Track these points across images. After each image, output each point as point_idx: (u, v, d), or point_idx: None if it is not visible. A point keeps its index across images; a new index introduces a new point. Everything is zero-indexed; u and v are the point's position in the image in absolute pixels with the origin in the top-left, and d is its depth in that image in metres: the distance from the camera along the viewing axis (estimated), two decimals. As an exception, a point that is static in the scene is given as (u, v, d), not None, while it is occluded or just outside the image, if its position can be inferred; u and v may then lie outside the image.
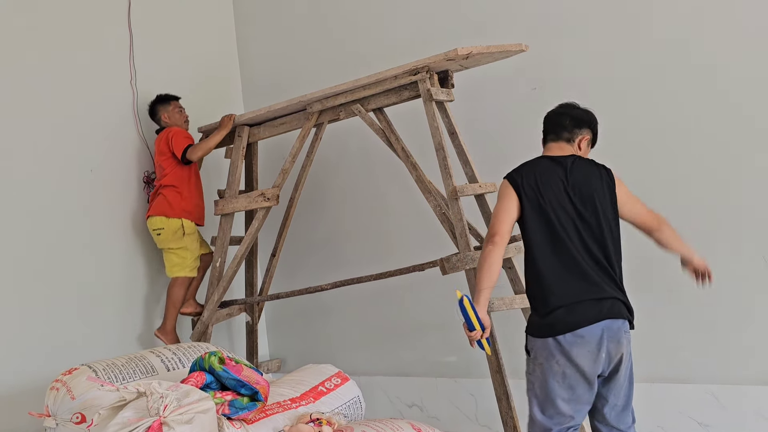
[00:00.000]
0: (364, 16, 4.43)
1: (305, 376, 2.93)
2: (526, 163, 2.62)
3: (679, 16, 3.44)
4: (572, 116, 2.63)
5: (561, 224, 2.44)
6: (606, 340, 2.36)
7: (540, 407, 2.44)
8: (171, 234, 4.00)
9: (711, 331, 3.41)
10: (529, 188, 2.48)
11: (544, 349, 2.39)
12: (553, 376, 2.39)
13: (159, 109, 4.17)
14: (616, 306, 2.42)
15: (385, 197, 4.36)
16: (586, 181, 2.52)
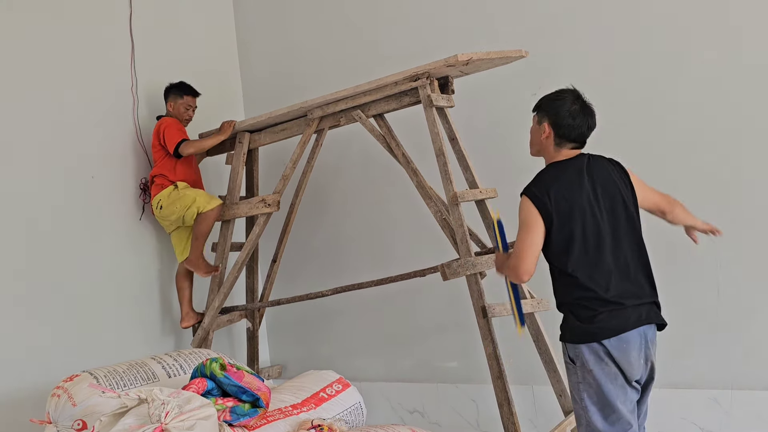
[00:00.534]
0: (365, 22, 4.45)
1: (306, 383, 2.93)
2: (544, 176, 2.47)
3: (679, 22, 3.45)
4: (591, 125, 2.51)
5: (595, 231, 2.38)
6: (643, 346, 2.37)
7: (601, 415, 2.36)
8: (167, 197, 4.00)
9: (713, 336, 3.41)
10: (558, 204, 2.37)
11: (592, 353, 2.33)
12: (608, 380, 2.33)
13: (171, 95, 4.16)
14: (652, 311, 2.41)
15: (385, 203, 4.36)
16: (608, 181, 2.46)
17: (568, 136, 2.46)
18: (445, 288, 3.77)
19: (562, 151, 2.49)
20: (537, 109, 2.57)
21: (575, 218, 2.37)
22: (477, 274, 3.21)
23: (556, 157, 2.50)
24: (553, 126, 2.47)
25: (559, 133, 2.46)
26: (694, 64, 3.43)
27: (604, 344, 2.32)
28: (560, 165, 2.47)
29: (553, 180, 2.42)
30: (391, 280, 3.61)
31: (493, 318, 3.18)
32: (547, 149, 2.51)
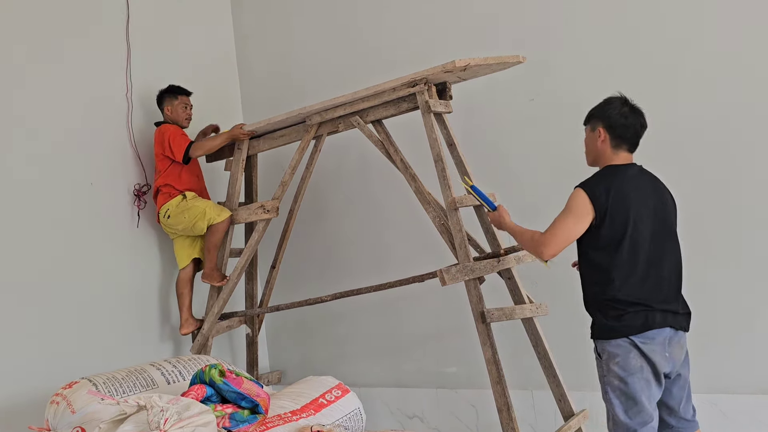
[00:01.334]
0: (363, 28, 4.46)
1: (306, 389, 2.93)
2: (605, 174, 2.56)
3: (677, 28, 3.47)
4: (643, 123, 2.63)
5: (644, 237, 2.49)
6: (667, 345, 2.48)
7: (623, 408, 2.48)
8: (175, 207, 4.01)
9: (710, 340, 3.41)
10: (616, 203, 2.46)
11: (618, 347, 2.46)
12: (631, 374, 2.45)
13: (165, 99, 4.17)
14: (679, 317, 2.54)
15: (384, 209, 4.37)
16: (663, 196, 2.60)
17: (623, 135, 2.56)
18: (444, 293, 3.77)
19: (619, 154, 2.59)
20: (589, 119, 2.69)
21: (629, 220, 2.46)
22: (476, 279, 3.22)
23: (615, 160, 2.59)
24: (608, 129, 2.57)
25: (615, 134, 2.56)
26: (692, 66, 3.44)
27: (631, 339, 2.44)
28: (620, 168, 2.56)
29: (613, 179, 2.51)
30: (390, 285, 3.61)
31: (492, 323, 3.18)
32: (604, 153, 2.60)
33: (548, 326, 3.52)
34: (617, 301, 2.48)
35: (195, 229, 4.04)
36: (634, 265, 2.48)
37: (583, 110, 3.58)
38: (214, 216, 3.99)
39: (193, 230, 4.06)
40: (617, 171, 2.55)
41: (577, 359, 3.37)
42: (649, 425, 2.47)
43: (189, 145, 4.02)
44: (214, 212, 4.00)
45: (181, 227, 4.06)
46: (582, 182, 2.57)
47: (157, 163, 4.11)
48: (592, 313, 2.58)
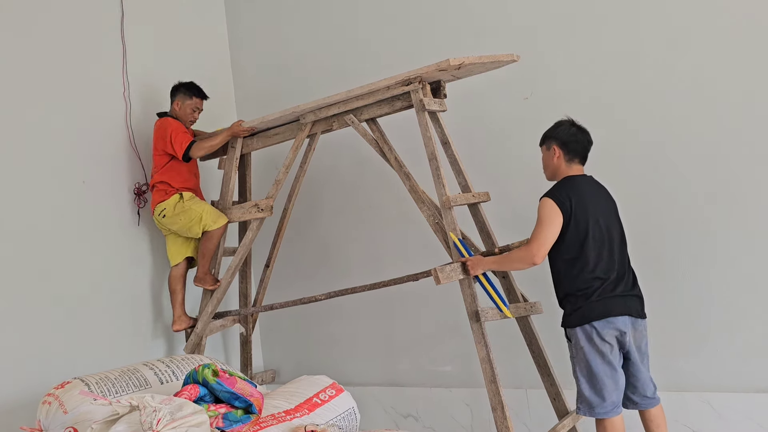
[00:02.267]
0: (357, 27, 4.45)
1: (299, 388, 2.92)
2: (565, 185, 2.95)
3: (673, 26, 3.47)
4: (590, 140, 3.03)
5: (601, 234, 2.89)
6: (629, 328, 2.85)
7: (589, 385, 2.87)
8: (172, 208, 3.97)
9: (704, 339, 3.42)
10: (577, 207, 2.86)
11: (583, 333, 2.84)
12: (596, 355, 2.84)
13: (179, 94, 4.10)
14: (637, 302, 2.92)
15: (378, 207, 4.36)
16: (608, 200, 3.01)
17: (575, 150, 2.99)
18: (438, 292, 3.77)
19: (572, 167, 3.00)
20: (544, 140, 3.09)
21: (589, 220, 2.87)
22: (470, 278, 3.21)
23: (569, 172, 3.00)
24: (561, 146, 3.00)
25: (568, 149, 2.99)
26: (687, 67, 3.45)
27: (594, 326, 2.82)
28: (575, 178, 2.98)
29: (572, 188, 2.92)
30: (384, 284, 3.60)
31: (486, 322, 3.18)
32: (559, 168, 3.02)
33: (542, 325, 3.52)
34: (583, 291, 2.86)
35: (190, 233, 4.02)
36: (597, 258, 2.87)
37: (576, 109, 3.61)
38: (210, 223, 3.96)
39: (188, 233, 4.04)
40: (574, 180, 2.96)
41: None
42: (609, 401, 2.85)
43: (191, 144, 3.97)
44: (210, 218, 3.97)
45: (175, 228, 4.04)
46: (546, 193, 2.95)
47: (155, 158, 4.06)
48: (563, 304, 2.96)
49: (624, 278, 2.90)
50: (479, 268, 3.09)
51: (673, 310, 3.44)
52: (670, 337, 3.45)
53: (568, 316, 2.91)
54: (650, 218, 3.46)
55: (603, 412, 2.86)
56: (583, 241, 2.86)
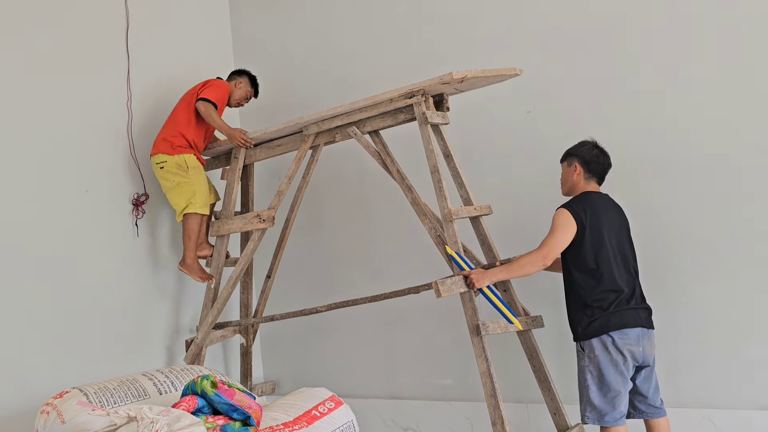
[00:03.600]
0: (361, 39, 4.47)
1: (298, 400, 2.91)
2: (581, 197, 3.07)
3: (675, 43, 3.48)
4: (610, 163, 3.17)
5: (614, 247, 2.99)
6: (641, 340, 2.93)
7: (600, 392, 2.92)
8: (174, 167, 3.96)
9: (706, 355, 3.40)
10: (591, 219, 2.97)
11: (599, 343, 2.91)
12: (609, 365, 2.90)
13: (243, 78, 4.23)
14: (647, 315, 3.01)
15: (380, 219, 4.36)
16: (621, 216, 3.12)
17: (595, 170, 3.12)
18: (439, 305, 3.76)
19: (590, 184, 3.13)
20: (566, 157, 3.20)
21: (604, 235, 2.98)
22: (471, 291, 3.20)
23: (586, 188, 3.12)
24: (583, 164, 3.13)
25: (588, 168, 3.12)
26: (690, 81, 3.45)
27: (611, 335, 2.89)
28: (591, 194, 3.10)
29: (588, 202, 3.04)
30: (385, 296, 3.59)
31: (486, 336, 3.16)
32: (578, 184, 3.14)
33: (543, 339, 3.51)
34: (599, 303, 2.92)
35: (173, 200, 4.00)
36: (613, 271, 2.96)
37: (579, 124, 3.61)
38: (199, 206, 3.96)
39: (172, 198, 4.01)
40: (590, 195, 3.09)
41: (573, 373, 3.35)
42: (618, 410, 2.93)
43: (213, 103, 3.98)
44: (201, 201, 3.97)
45: (162, 183, 4.01)
46: (563, 204, 3.07)
47: (179, 113, 4.05)
48: (578, 317, 3.00)
49: (635, 291, 3.00)
50: (484, 280, 3.11)
51: (675, 327, 3.43)
52: (672, 353, 3.43)
53: (585, 329, 2.96)
54: (651, 234, 3.45)
55: (612, 420, 2.93)
56: (599, 253, 2.96)
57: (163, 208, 4.41)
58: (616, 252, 3.00)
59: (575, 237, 2.98)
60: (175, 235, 4.46)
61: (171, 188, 4.02)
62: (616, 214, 3.10)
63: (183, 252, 4.13)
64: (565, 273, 3.08)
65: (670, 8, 3.48)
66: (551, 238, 2.99)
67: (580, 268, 2.99)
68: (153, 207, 4.34)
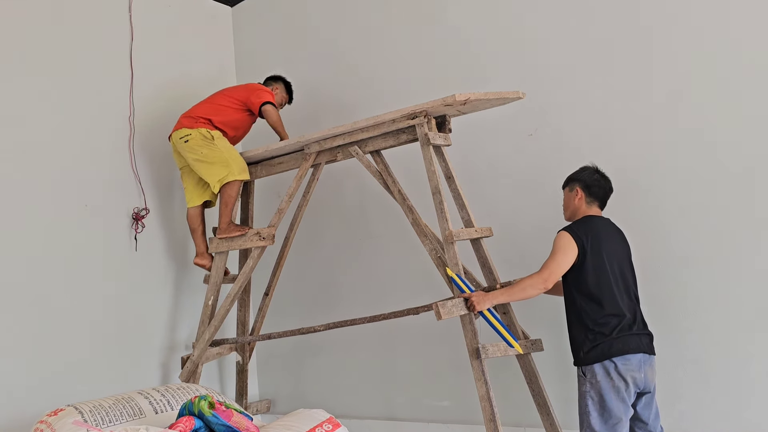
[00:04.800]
0: (364, 59, 4.49)
1: (295, 422, 2.87)
2: (583, 222, 3.06)
3: (679, 68, 3.49)
4: (611, 187, 3.18)
5: (615, 271, 2.98)
6: (644, 365, 2.91)
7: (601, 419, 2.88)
8: (199, 138, 3.89)
9: (707, 383, 3.38)
10: (593, 243, 2.96)
11: (601, 368, 2.88)
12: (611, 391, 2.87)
13: (280, 84, 4.27)
14: (649, 341, 2.99)
15: (380, 239, 4.35)
16: (623, 240, 3.11)
17: (596, 194, 3.13)
18: (437, 326, 3.74)
19: (592, 208, 3.13)
20: (567, 183, 3.21)
21: (604, 257, 2.97)
22: (471, 314, 3.19)
23: (588, 212, 3.12)
24: (584, 188, 3.13)
25: (590, 192, 3.12)
26: (692, 108, 3.46)
27: (614, 361, 2.86)
28: (593, 218, 3.09)
29: (589, 226, 3.04)
30: (384, 317, 3.57)
31: (486, 359, 3.14)
32: (579, 209, 3.14)
33: (543, 363, 3.49)
34: (601, 328, 2.90)
35: (206, 169, 3.87)
36: (615, 296, 2.94)
37: (580, 146, 3.62)
38: (237, 172, 3.87)
39: (204, 168, 3.88)
40: (591, 219, 3.08)
41: (572, 397, 3.33)
42: None
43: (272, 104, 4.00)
44: (238, 167, 3.89)
45: (192, 156, 3.89)
46: (564, 227, 3.05)
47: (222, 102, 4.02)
48: (580, 341, 2.96)
49: (636, 317, 2.98)
50: (485, 303, 3.09)
51: (676, 353, 3.40)
52: (672, 380, 3.41)
53: (587, 353, 2.93)
54: (653, 259, 3.45)
55: None
56: (600, 277, 2.95)
57: (163, 223, 4.41)
58: (618, 277, 2.99)
59: (576, 260, 2.96)
60: (175, 250, 4.44)
61: (201, 160, 3.90)
62: (617, 239, 3.10)
63: (219, 219, 3.96)
64: (567, 296, 3.06)
65: (671, 33, 3.50)
66: (552, 261, 2.98)
67: (582, 291, 2.98)
68: (153, 222, 4.33)
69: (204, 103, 4.10)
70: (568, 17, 3.77)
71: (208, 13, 4.95)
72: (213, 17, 4.98)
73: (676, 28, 3.48)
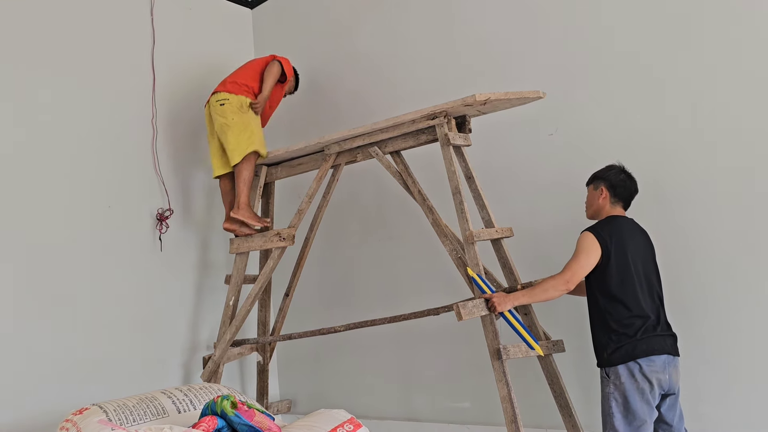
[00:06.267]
0: (383, 60, 4.49)
1: (317, 422, 2.88)
2: (606, 222, 3.04)
3: (700, 66, 3.45)
4: (636, 188, 3.15)
5: (640, 272, 2.95)
6: (668, 366, 2.89)
7: (625, 420, 2.86)
8: (237, 105, 3.95)
9: (731, 383, 3.33)
10: (617, 244, 2.94)
11: (626, 370, 2.86)
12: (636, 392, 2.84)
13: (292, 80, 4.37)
14: (674, 342, 2.97)
15: (400, 240, 4.35)
16: (647, 241, 3.08)
17: (621, 195, 3.10)
18: (458, 327, 3.73)
19: (616, 208, 3.11)
20: (592, 180, 3.18)
21: (629, 258, 2.95)
22: (492, 314, 3.18)
23: (612, 212, 3.09)
24: (609, 188, 3.10)
25: (614, 192, 3.10)
26: (714, 107, 3.42)
27: (639, 362, 2.84)
28: (617, 218, 3.06)
29: (613, 227, 3.01)
30: (404, 317, 3.57)
31: (507, 360, 3.13)
32: (603, 208, 3.11)
33: (564, 364, 3.46)
34: (626, 329, 2.88)
35: (232, 136, 3.89)
36: (640, 297, 2.91)
37: (600, 146, 3.59)
38: (258, 144, 3.93)
39: (230, 134, 3.90)
40: (616, 219, 3.05)
41: (594, 398, 3.30)
42: None
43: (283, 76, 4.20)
44: (260, 142, 3.96)
45: (221, 121, 3.93)
46: (588, 228, 3.03)
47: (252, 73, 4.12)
48: (604, 342, 2.93)
49: (660, 318, 2.96)
50: (506, 304, 3.07)
51: (698, 355, 3.36)
52: (696, 381, 3.37)
53: (611, 354, 2.90)
54: (677, 259, 3.40)
55: None
56: (625, 279, 2.92)
57: (187, 223, 4.45)
58: (642, 278, 2.96)
59: (600, 261, 2.94)
60: (197, 250, 4.48)
61: (230, 126, 3.93)
62: (642, 239, 3.06)
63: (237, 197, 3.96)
64: (590, 297, 3.04)
65: (695, 33, 3.46)
66: (575, 262, 2.95)
67: (606, 293, 2.95)
68: (177, 222, 4.37)
69: (247, 69, 4.15)
70: (588, 15, 3.74)
71: (228, 16, 4.99)
72: (233, 20, 5.02)
73: (702, 23, 3.43)
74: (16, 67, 3.73)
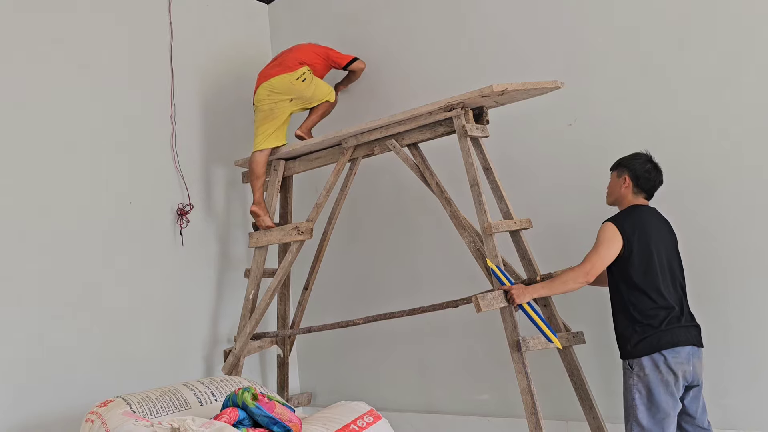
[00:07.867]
0: (400, 53, 4.48)
1: (337, 414, 2.90)
2: (628, 212, 2.99)
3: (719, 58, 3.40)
4: (661, 180, 3.08)
5: (663, 262, 2.91)
6: (692, 357, 2.85)
7: (648, 413, 2.82)
8: (309, 76, 4.10)
9: (756, 376, 3.29)
10: (639, 235, 2.89)
11: (650, 361, 2.81)
12: (660, 384, 2.81)
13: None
14: (697, 333, 2.92)
15: (418, 232, 4.35)
16: (670, 231, 3.04)
17: (644, 186, 3.04)
18: (476, 319, 3.72)
19: (638, 198, 3.05)
20: (616, 167, 3.11)
21: (652, 249, 2.90)
22: (511, 306, 3.17)
23: (634, 202, 3.04)
24: (633, 178, 3.04)
25: (638, 183, 3.03)
26: (734, 98, 3.36)
27: (663, 354, 2.80)
28: (640, 208, 3.01)
29: (636, 217, 2.96)
30: (423, 310, 3.57)
31: (527, 352, 3.12)
32: (625, 197, 3.06)
33: (585, 355, 3.44)
34: (650, 320, 2.84)
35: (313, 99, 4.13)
36: (663, 288, 2.87)
37: (619, 136, 3.55)
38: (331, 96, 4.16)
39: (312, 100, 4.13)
40: (639, 210, 3.00)
41: (615, 390, 3.28)
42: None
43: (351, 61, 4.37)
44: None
45: (307, 94, 4.10)
46: (610, 218, 2.98)
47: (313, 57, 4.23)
48: (628, 333, 2.89)
49: (684, 309, 2.92)
50: (525, 296, 3.04)
51: (725, 347, 3.32)
52: (721, 374, 3.33)
53: (635, 346, 2.86)
54: (700, 250, 3.36)
55: None
56: (648, 269, 2.88)
57: (207, 218, 4.49)
58: (665, 268, 2.92)
59: (622, 252, 2.89)
60: (217, 244, 4.52)
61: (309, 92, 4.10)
62: (664, 229, 3.01)
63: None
64: (613, 288, 2.99)
65: (716, 23, 3.40)
66: (595, 253, 2.91)
67: (629, 283, 2.89)
68: (197, 217, 4.41)
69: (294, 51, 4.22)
70: (605, 4, 3.70)
71: (245, 11, 5.01)
72: (250, 14, 5.04)
73: (721, 12, 3.38)
74: (40, 67, 3.78)
